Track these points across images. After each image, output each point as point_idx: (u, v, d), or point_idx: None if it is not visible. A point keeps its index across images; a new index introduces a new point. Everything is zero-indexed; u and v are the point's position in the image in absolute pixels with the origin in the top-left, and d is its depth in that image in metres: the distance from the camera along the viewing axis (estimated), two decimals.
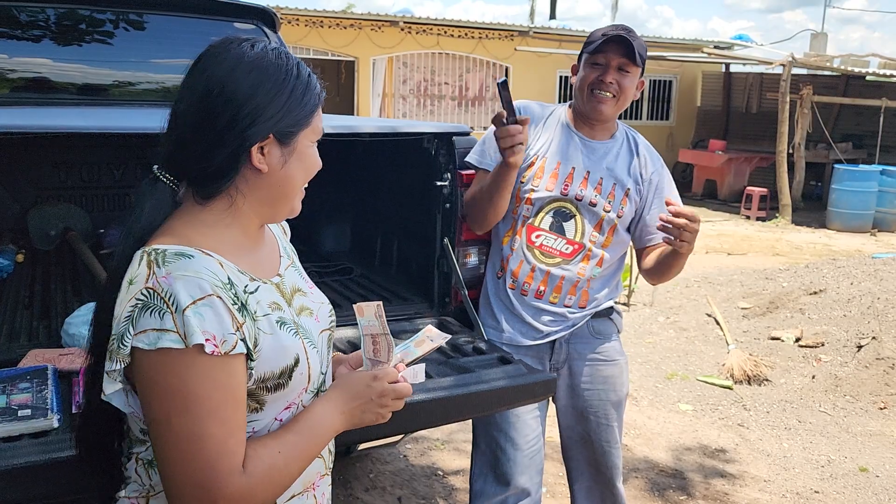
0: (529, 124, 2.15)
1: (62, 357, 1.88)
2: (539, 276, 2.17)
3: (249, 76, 1.08)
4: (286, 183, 1.14)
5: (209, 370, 1.00)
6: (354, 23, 13.63)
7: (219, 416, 1.01)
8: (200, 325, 0.99)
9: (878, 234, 10.93)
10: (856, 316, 5.33)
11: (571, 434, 2.30)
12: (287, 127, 1.11)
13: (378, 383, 1.19)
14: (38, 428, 1.53)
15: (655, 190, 2.22)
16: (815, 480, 3.56)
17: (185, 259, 1.03)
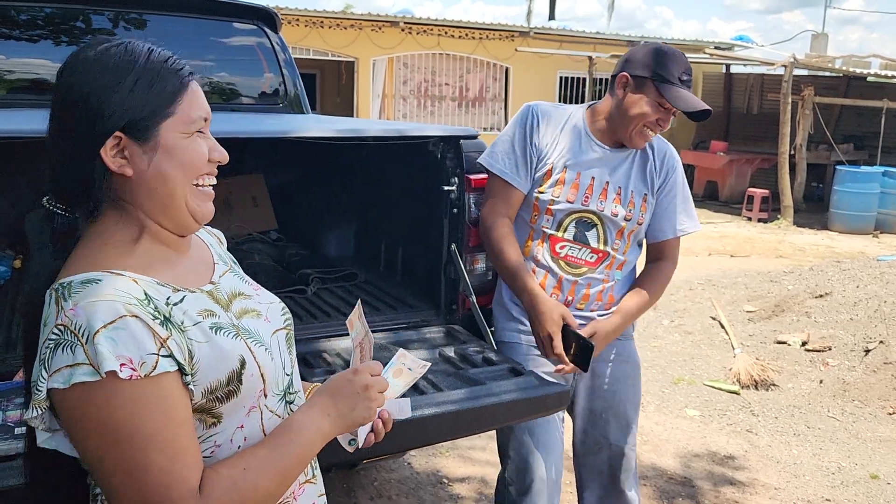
0: (545, 126, 2.14)
1: None
2: (566, 286, 2.16)
3: (86, 76, 0.99)
4: (162, 184, 1.02)
5: (133, 396, 0.92)
6: (355, 23, 13.58)
7: (156, 443, 0.93)
8: (113, 349, 0.91)
9: (881, 236, 10.89)
10: (862, 320, 5.28)
11: (586, 439, 2.28)
12: (138, 121, 1.00)
13: (360, 376, 1.12)
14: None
15: (665, 182, 2.21)
16: (825, 488, 3.50)
17: (93, 285, 0.95)
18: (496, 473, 3.51)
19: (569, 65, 15.36)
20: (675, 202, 2.21)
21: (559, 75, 15.61)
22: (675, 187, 2.22)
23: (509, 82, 15.22)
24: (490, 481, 3.47)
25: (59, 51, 3.36)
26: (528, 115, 2.17)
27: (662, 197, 2.20)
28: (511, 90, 15.21)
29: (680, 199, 2.23)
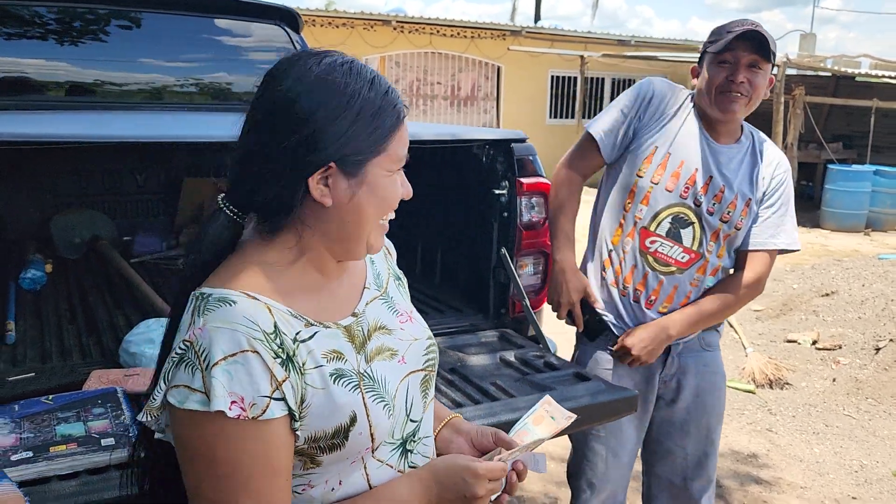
0: (658, 104, 2.06)
1: (128, 378, 1.79)
2: (652, 283, 2.07)
3: (310, 96, 0.94)
4: (356, 218, 0.99)
5: (237, 437, 0.90)
6: (346, 22, 13.52)
7: (250, 488, 0.91)
8: (228, 384, 0.89)
9: (872, 234, 11.02)
10: (871, 318, 5.34)
11: (658, 448, 2.24)
12: (352, 155, 0.96)
13: (477, 482, 1.04)
14: (124, 459, 1.45)
15: (769, 192, 2.08)
16: (850, 486, 3.54)
17: (226, 307, 0.92)
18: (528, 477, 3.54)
19: (560, 64, 15.39)
20: (775, 214, 2.09)
21: (551, 74, 15.64)
22: (780, 199, 2.09)
23: (501, 81, 15.22)
24: (523, 487, 3.48)
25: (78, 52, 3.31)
26: (642, 88, 2.11)
27: (765, 207, 2.09)
28: (503, 89, 15.22)
29: (781, 213, 2.09)
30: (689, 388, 2.16)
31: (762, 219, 2.08)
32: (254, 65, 3.78)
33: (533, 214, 2.40)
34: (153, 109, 3.25)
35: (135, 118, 2.80)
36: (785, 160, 2.12)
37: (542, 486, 3.39)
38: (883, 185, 11.16)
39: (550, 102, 15.90)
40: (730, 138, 2.08)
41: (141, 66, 3.39)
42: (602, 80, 16.21)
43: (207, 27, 3.61)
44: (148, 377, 1.80)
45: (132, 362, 1.90)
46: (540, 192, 2.41)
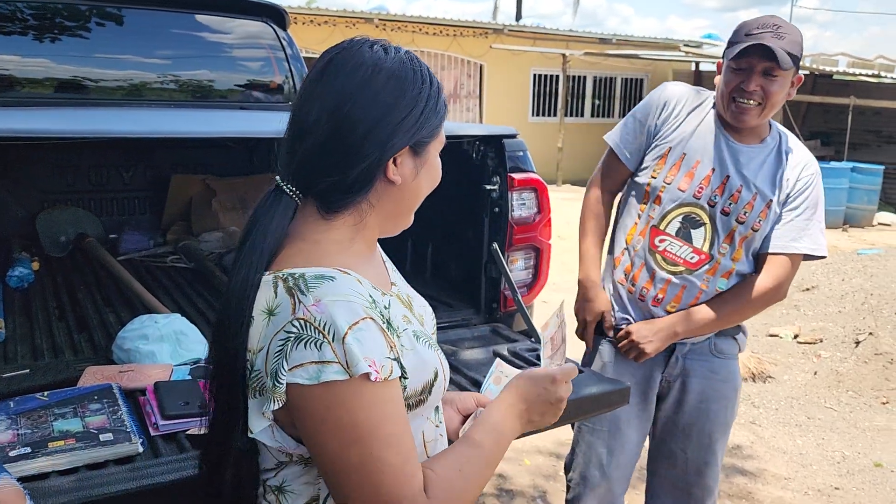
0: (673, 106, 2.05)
1: (123, 374, 1.79)
2: (659, 283, 2.04)
3: (388, 84, 1.01)
4: (414, 195, 1.09)
5: (376, 398, 0.94)
6: (329, 20, 13.47)
7: (392, 443, 0.95)
8: (361, 351, 0.92)
9: (850, 230, 11.18)
10: (851, 312, 5.43)
11: (662, 448, 2.21)
12: (423, 138, 1.05)
13: (559, 388, 1.15)
14: (124, 453, 1.45)
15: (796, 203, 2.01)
16: (833, 477, 3.60)
17: (329, 282, 0.95)
18: (510, 467, 3.56)
19: (542, 62, 15.45)
20: (799, 217, 2.01)
21: (533, 73, 15.69)
22: (806, 203, 2.01)
23: (483, 79, 15.25)
24: (505, 473, 3.50)
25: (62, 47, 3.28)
26: (655, 93, 2.11)
27: (787, 210, 2.01)
28: (485, 87, 15.25)
29: (806, 216, 2.01)
30: (694, 392, 2.11)
31: (784, 221, 2.01)
32: (241, 61, 3.77)
33: (524, 210, 2.42)
34: (140, 106, 3.23)
35: (121, 114, 2.78)
36: (814, 162, 2.05)
37: (531, 480, 3.42)
38: (860, 181, 11.33)
39: (533, 100, 15.95)
40: (754, 138, 2.02)
41: (127, 63, 3.37)
42: (584, 78, 16.30)
43: (194, 24, 3.59)
44: (143, 373, 1.80)
45: (126, 359, 1.90)
46: (531, 187, 2.42)
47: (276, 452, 1.04)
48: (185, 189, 3.45)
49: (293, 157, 1.03)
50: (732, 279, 2.05)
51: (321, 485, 1.02)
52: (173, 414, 1.58)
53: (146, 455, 1.48)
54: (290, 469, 1.04)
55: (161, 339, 1.91)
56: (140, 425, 1.58)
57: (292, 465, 1.03)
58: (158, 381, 1.71)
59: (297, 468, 1.03)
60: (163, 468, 1.41)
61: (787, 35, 1.86)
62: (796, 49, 1.88)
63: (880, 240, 10.27)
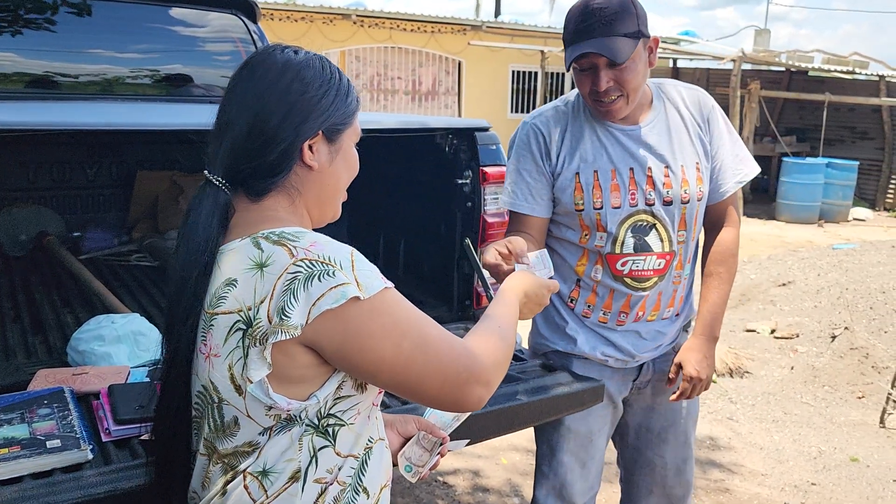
0: (549, 134, 1.90)
1: (76, 377, 1.71)
2: (636, 303, 1.92)
3: (298, 76, 1.12)
4: (334, 182, 1.17)
5: (396, 297, 1.06)
6: (305, 16, 13.34)
7: (425, 322, 1.08)
8: (369, 271, 1.04)
9: (825, 225, 11.28)
10: (826, 307, 5.45)
11: (637, 456, 2.14)
12: (335, 125, 1.14)
13: (549, 294, 1.41)
14: (72, 461, 1.38)
15: (712, 133, 1.93)
16: (810, 472, 3.59)
17: (307, 233, 1.05)
18: (487, 465, 3.52)
19: (521, 59, 15.42)
20: (730, 152, 1.92)
21: (511, 69, 15.66)
22: (723, 134, 1.92)
23: (462, 76, 15.20)
24: (481, 471, 3.46)
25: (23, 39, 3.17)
26: (523, 133, 1.94)
27: (716, 152, 1.91)
28: (464, 84, 15.19)
29: (731, 144, 1.93)
30: (666, 393, 2.05)
31: (720, 162, 1.93)
32: (210, 55, 3.68)
33: (497, 204, 2.36)
34: (105, 99, 3.14)
35: (85, 107, 2.69)
36: (704, 94, 1.96)
37: (507, 477, 3.38)
38: (835, 177, 11.43)
39: (511, 97, 15.93)
40: (643, 113, 1.89)
41: (93, 56, 3.27)
42: (562, 75, 16.29)
43: (162, 16, 3.50)
44: (98, 376, 1.73)
45: (81, 361, 1.82)
46: (504, 181, 2.37)
47: (262, 418, 1.04)
48: (152, 186, 3.36)
49: (218, 150, 1.12)
50: (693, 259, 2.01)
51: (301, 457, 1.04)
52: (127, 418, 1.51)
53: (96, 462, 1.40)
54: (273, 445, 1.04)
55: (118, 340, 1.83)
56: (92, 431, 1.51)
57: (275, 436, 1.04)
58: (113, 384, 1.64)
59: (281, 440, 1.04)
60: (112, 476, 1.34)
61: (613, 16, 1.69)
62: (632, 23, 1.72)
63: (855, 235, 10.37)
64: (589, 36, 1.71)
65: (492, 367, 1.11)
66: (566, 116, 1.92)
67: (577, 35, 1.73)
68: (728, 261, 2.00)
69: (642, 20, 1.75)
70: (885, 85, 12.54)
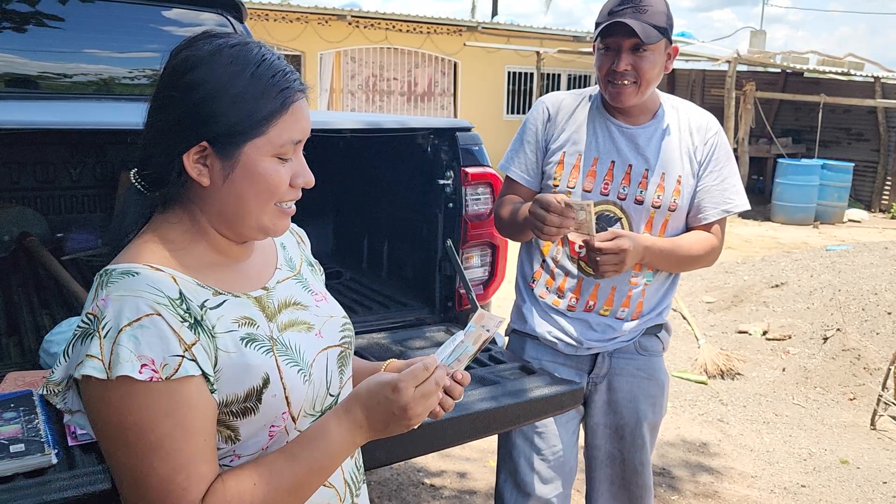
0: (555, 114, 1.99)
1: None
2: (587, 289, 1.96)
3: (192, 74, 0.97)
4: (234, 201, 1.00)
5: (147, 400, 0.89)
6: (301, 16, 13.32)
7: (162, 451, 0.90)
8: (136, 349, 0.88)
9: (821, 227, 11.27)
10: (819, 308, 5.43)
11: (598, 453, 2.14)
12: (226, 136, 0.97)
13: (399, 396, 0.98)
14: (35, 465, 1.36)
15: (707, 159, 1.97)
16: (800, 474, 3.57)
17: (129, 278, 0.93)
18: (474, 467, 3.50)
19: (516, 60, 15.41)
20: (718, 179, 1.96)
21: (507, 70, 15.65)
22: (720, 163, 1.97)
23: (458, 77, 15.19)
24: (469, 474, 3.44)
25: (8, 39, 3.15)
26: (536, 107, 2.05)
27: (706, 175, 1.96)
28: (460, 85, 15.18)
29: (725, 174, 1.98)
30: (623, 391, 2.06)
31: (706, 187, 1.97)
32: None
33: (479, 205, 2.35)
34: (89, 99, 3.12)
35: (68, 107, 2.67)
36: (713, 121, 2.02)
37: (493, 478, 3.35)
38: (830, 178, 11.42)
39: (507, 98, 15.92)
40: (645, 115, 1.96)
41: (78, 56, 3.25)
42: (558, 75, 16.29)
43: (147, 15, 3.48)
44: None
45: (52, 363, 1.79)
46: (486, 182, 2.36)
47: None
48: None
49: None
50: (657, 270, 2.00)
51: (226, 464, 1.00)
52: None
53: (60, 467, 1.38)
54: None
55: None
56: (58, 435, 1.49)
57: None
58: None
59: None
60: (76, 481, 1.32)
61: (648, 8, 1.80)
62: (662, 20, 1.82)
63: (850, 236, 10.36)
64: (622, 16, 1.80)
65: None
66: (578, 102, 2.02)
67: (610, 15, 1.83)
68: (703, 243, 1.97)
69: (670, 24, 1.86)
70: (881, 86, 12.53)
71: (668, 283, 2.06)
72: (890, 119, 12.71)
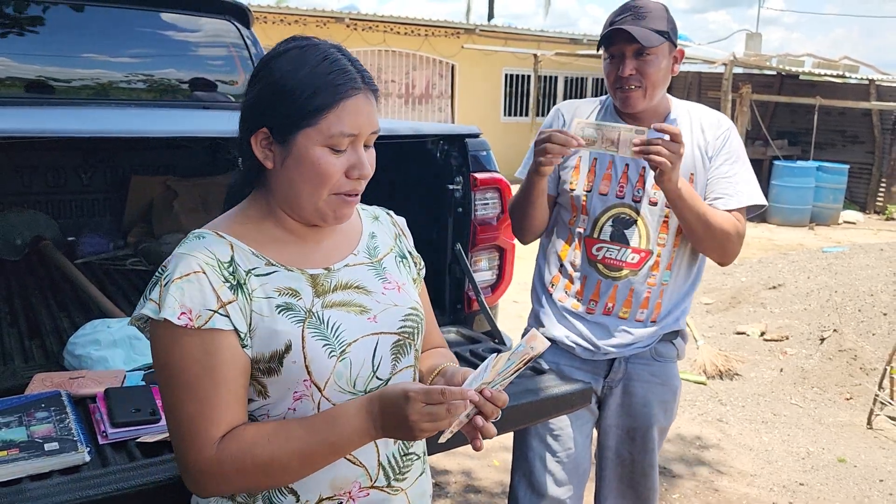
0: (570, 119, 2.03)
1: (73, 381, 1.74)
2: (605, 291, 2.01)
3: (265, 69, 1.11)
4: (289, 185, 1.11)
5: (183, 343, 1.03)
6: (299, 19, 13.36)
7: (193, 391, 1.04)
8: (180, 298, 1.03)
9: (816, 228, 11.36)
10: (816, 309, 5.50)
11: (609, 454, 2.18)
12: (283, 125, 1.08)
13: (409, 406, 1.01)
14: (70, 463, 1.40)
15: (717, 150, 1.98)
16: (798, 473, 3.64)
17: (196, 240, 1.10)
18: (479, 465, 3.55)
19: (514, 62, 15.47)
20: (734, 168, 1.97)
21: (504, 73, 15.72)
22: (732, 155, 1.98)
23: (455, 79, 15.24)
24: (473, 472, 3.49)
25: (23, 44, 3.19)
26: (552, 114, 2.11)
27: (719, 165, 1.97)
28: (457, 87, 15.24)
29: (739, 167, 1.98)
30: (637, 395, 2.10)
31: (721, 174, 1.97)
32: (202, 60, 3.71)
33: (487, 210, 2.40)
34: (99, 105, 3.16)
35: (79, 113, 2.72)
36: (725, 119, 2.04)
37: (499, 477, 3.41)
38: (826, 180, 11.51)
39: (505, 100, 15.98)
40: (657, 120, 1.97)
41: (87, 62, 3.30)
42: (555, 78, 16.36)
43: (156, 22, 3.53)
44: (94, 379, 1.75)
45: (77, 364, 1.85)
46: (494, 187, 2.41)
47: None
48: (146, 190, 3.39)
49: None
50: (675, 267, 2.03)
51: None
52: (123, 421, 1.54)
53: (93, 464, 1.43)
54: None
55: (114, 344, 1.86)
56: (89, 434, 1.54)
57: None
58: (109, 388, 1.67)
59: None
60: (110, 478, 1.37)
61: (647, 14, 1.87)
62: (662, 24, 1.87)
63: (846, 238, 10.44)
64: (621, 24, 1.87)
65: (219, 478, 1.04)
66: (593, 108, 2.08)
67: (611, 25, 1.89)
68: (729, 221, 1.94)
69: (672, 28, 1.91)
70: (875, 89, 12.64)
71: (687, 286, 2.08)
72: (884, 121, 12.81)
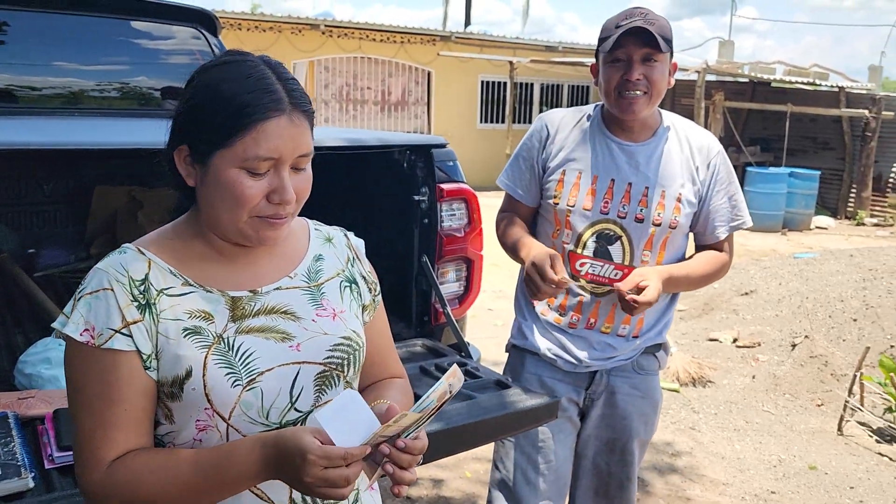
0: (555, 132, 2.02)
1: (22, 401, 1.68)
2: (588, 307, 1.99)
3: (189, 85, 1.09)
4: (209, 205, 1.08)
5: (83, 360, 1.03)
6: (274, 25, 13.29)
7: (89, 409, 1.03)
8: (86, 314, 1.02)
9: (788, 234, 11.49)
10: (787, 315, 5.54)
11: (585, 462, 2.17)
12: (199, 143, 1.06)
13: (304, 468, 0.94)
14: (12, 490, 1.35)
15: (712, 180, 1.99)
16: (770, 481, 3.64)
17: (115, 255, 1.08)
18: (451, 476, 3.52)
19: (490, 69, 15.51)
20: (726, 197, 2.00)
21: (481, 79, 15.74)
22: (723, 181, 2.00)
23: (431, 86, 15.24)
24: (445, 482, 3.45)
25: None
26: (536, 124, 2.08)
27: (711, 195, 1.99)
28: (433, 94, 15.24)
29: (732, 191, 2.02)
30: (618, 408, 2.08)
31: (713, 206, 2.00)
32: (169, 68, 3.65)
33: (454, 221, 2.38)
34: (62, 115, 3.09)
35: (41, 124, 2.65)
36: (714, 141, 2.04)
37: (471, 488, 3.38)
38: (797, 186, 11.66)
39: (481, 107, 16.00)
40: (646, 133, 1.98)
41: (50, 70, 3.22)
42: (531, 85, 16.42)
43: (121, 29, 3.46)
44: (44, 399, 1.70)
45: (28, 384, 1.79)
46: (461, 198, 2.39)
47: None
48: (110, 201, 3.31)
49: None
50: None
51: None
52: (71, 444, 1.48)
53: (37, 490, 1.38)
54: None
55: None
56: (35, 457, 1.48)
57: None
58: (59, 409, 1.61)
59: None
60: None
61: (656, 21, 1.85)
62: (667, 34, 1.86)
63: (817, 243, 10.57)
64: (632, 31, 1.83)
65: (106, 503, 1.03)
66: (578, 119, 2.05)
67: (618, 28, 1.84)
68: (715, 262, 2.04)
69: (672, 39, 1.89)
70: (845, 96, 12.83)
71: (668, 300, 2.08)
72: (854, 128, 13.01)
